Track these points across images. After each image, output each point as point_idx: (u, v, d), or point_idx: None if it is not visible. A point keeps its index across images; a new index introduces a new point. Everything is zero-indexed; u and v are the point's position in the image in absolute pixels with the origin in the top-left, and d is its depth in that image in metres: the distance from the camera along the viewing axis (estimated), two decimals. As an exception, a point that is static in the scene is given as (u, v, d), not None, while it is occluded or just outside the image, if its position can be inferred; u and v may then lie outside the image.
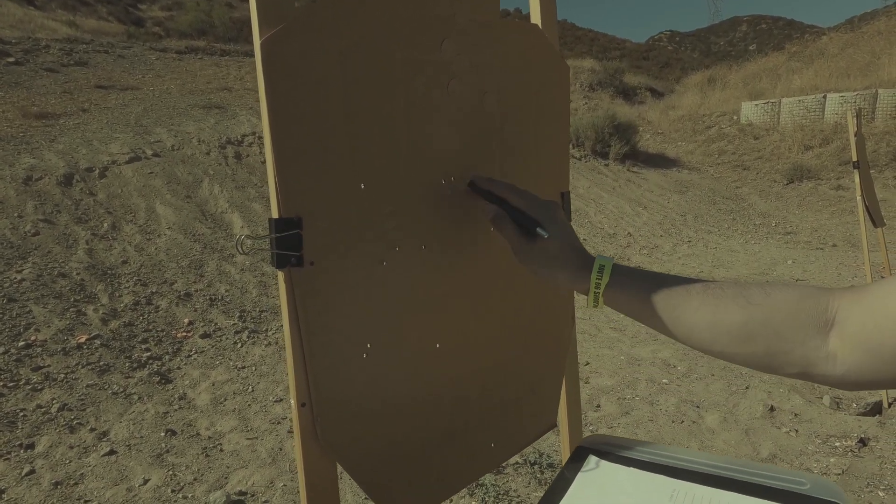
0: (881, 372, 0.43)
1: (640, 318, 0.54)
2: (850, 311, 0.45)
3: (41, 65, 7.41)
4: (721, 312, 0.49)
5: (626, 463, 0.66)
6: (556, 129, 0.76)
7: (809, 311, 0.47)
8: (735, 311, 0.49)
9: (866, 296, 0.45)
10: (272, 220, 0.47)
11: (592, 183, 8.56)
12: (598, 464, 0.66)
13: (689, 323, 0.51)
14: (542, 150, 0.75)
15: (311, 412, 0.50)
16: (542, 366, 0.78)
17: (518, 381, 0.74)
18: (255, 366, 3.18)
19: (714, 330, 0.50)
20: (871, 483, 2.08)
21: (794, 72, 13.27)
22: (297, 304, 0.48)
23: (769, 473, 0.63)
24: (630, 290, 0.54)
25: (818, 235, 7.51)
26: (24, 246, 3.74)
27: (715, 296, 0.50)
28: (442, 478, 0.65)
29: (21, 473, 2.17)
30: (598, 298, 0.55)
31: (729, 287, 0.51)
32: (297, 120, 0.47)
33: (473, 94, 0.64)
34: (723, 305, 0.49)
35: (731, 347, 0.49)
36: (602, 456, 0.67)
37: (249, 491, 2.11)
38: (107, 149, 5.13)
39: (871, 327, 0.43)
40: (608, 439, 0.69)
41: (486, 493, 2.04)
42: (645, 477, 0.64)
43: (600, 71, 15.35)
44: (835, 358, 0.45)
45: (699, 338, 0.51)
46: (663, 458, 0.66)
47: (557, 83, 0.75)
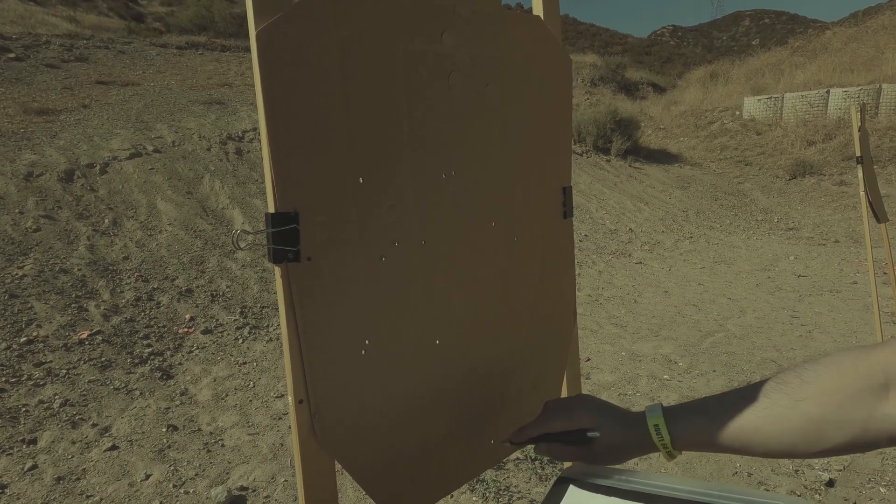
0: None
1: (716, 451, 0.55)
2: None
3: (42, 61, 7.40)
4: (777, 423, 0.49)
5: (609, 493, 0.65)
6: (558, 122, 0.75)
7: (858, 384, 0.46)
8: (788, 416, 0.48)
9: None
10: (268, 214, 0.46)
11: (594, 179, 8.53)
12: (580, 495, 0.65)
13: (759, 445, 0.51)
14: (543, 143, 0.73)
15: (308, 409, 0.49)
16: (544, 362, 0.78)
17: (519, 377, 0.74)
18: (256, 362, 3.19)
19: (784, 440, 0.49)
20: (873, 479, 2.08)
21: (798, 67, 13.20)
22: (294, 300, 0.47)
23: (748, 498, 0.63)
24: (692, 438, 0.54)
25: (820, 231, 7.48)
26: (26, 242, 3.74)
27: (765, 407, 0.50)
28: (441, 475, 0.64)
29: (23, 468, 2.18)
30: (671, 455, 0.56)
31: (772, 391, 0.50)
32: (294, 112, 0.46)
33: (475, 86, 0.63)
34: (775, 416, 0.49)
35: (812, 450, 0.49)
36: (583, 486, 0.66)
37: (251, 486, 2.12)
38: (108, 145, 5.12)
39: None
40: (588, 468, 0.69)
41: (486, 488, 2.05)
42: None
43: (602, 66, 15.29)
44: None
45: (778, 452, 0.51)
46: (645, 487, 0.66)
47: (559, 76, 0.74)
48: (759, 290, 4.89)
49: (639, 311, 4.30)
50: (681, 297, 4.67)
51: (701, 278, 5.29)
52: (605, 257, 6.02)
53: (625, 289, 4.92)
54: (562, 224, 0.78)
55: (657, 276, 5.34)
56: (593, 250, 6.20)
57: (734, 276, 5.36)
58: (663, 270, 5.59)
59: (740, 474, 2.18)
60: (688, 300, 4.57)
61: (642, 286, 5.00)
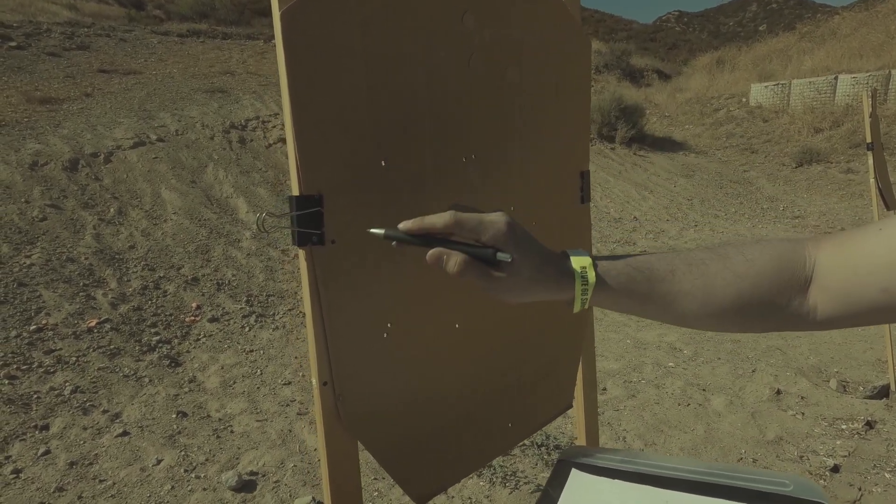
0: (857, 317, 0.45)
1: (627, 311, 0.52)
2: (830, 265, 0.46)
3: (43, 49, 7.36)
4: (711, 293, 0.48)
5: (611, 475, 0.64)
6: (577, 104, 0.74)
7: (790, 272, 0.48)
8: (724, 289, 0.48)
9: (844, 247, 0.46)
10: (292, 197, 0.46)
11: (598, 167, 8.48)
12: (583, 478, 0.64)
13: (681, 310, 0.50)
14: (563, 126, 0.73)
15: (332, 391, 0.49)
16: (560, 347, 0.78)
17: (536, 361, 0.74)
18: (263, 349, 3.21)
19: (706, 310, 0.49)
20: (878, 465, 2.09)
21: (805, 52, 13.02)
22: (318, 283, 0.48)
23: (753, 476, 0.64)
24: (615, 289, 0.50)
25: (826, 219, 7.44)
26: (33, 231, 3.76)
27: (702, 275, 0.49)
28: (459, 456, 0.65)
29: (37, 454, 2.21)
30: (584, 303, 0.50)
31: (712, 262, 0.49)
32: (318, 93, 0.46)
33: (495, 68, 0.62)
34: (711, 286, 0.48)
35: (724, 324, 0.50)
36: (585, 469, 0.65)
37: (260, 471, 2.14)
38: (111, 134, 5.11)
39: (854, 282, 0.44)
40: (588, 450, 0.69)
41: (493, 473, 2.07)
42: (633, 489, 0.62)
43: (607, 53, 15.10)
44: (815, 310, 0.47)
45: (698, 321, 0.50)
46: (647, 468, 0.65)
47: (579, 58, 0.74)
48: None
49: (643, 299, 4.29)
50: (685, 285, 4.66)
51: (706, 266, 5.27)
52: (609, 245, 6.01)
53: (629, 277, 4.90)
54: (579, 209, 0.78)
55: (662, 265, 5.33)
56: (598, 239, 6.19)
57: (739, 265, 5.33)
58: (668, 259, 5.58)
59: (745, 460, 2.19)
60: (693, 288, 4.56)
61: (647, 274, 4.98)
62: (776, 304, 0.47)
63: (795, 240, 0.50)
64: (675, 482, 0.62)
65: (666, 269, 0.50)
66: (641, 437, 2.36)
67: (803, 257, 0.48)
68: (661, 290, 0.49)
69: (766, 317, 0.48)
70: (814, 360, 3.10)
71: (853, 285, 0.44)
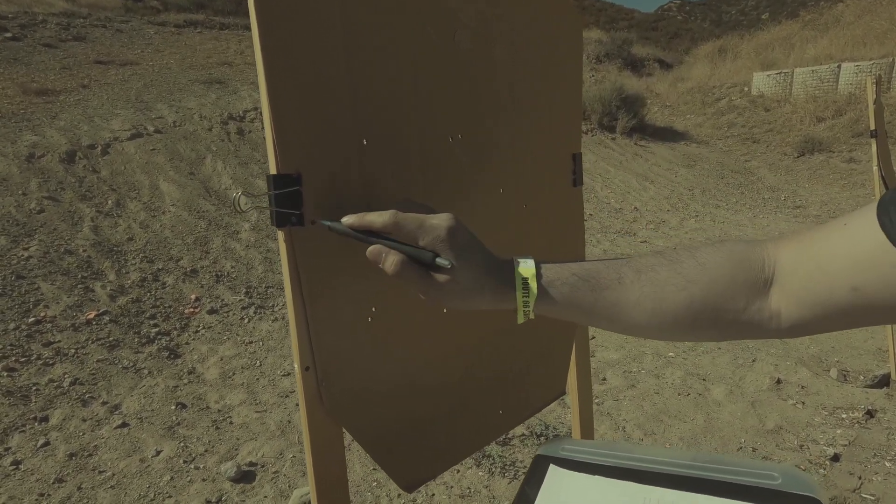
0: (827, 321, 0.42)
1: (573, 320, 0.49)
2: (792, 265, 0.43)
3: (39, 40, 7.30)
4: (662, 300, 0.45)
5: (591, 470, 0.62)
6: (567, 85, 0.72)
7: (746, 275, 0.44)
8: (674, 295, 0.45)
9: (808, 246, 0.43)
10: (270, 176, 0.45)
11: (599, 157, 8.44)
12: (561, 475, 0.62)
13: (629, 319, 0.47)
14: (553, 107, 0.71)
15: (315, 376, 0.48)
16: (552, 333, 0.76)
17: (528, 347, 0.73)
18: (262, 341, 3.20)
19: (657, 320, 0.46)
20: (878, 454, 2.08)
21: (809, 41, 12.89)
22: (298, 265, 0.46)
23: (740, 469, 0.61)
24: (561, 300, 0.47)
25: (828, 209, 7.41)
26: (30, 223, 3.74)
27: (651, 282, 0.46)
28: (450, 444, 0.64)
29: (36, 445, 2.21)
30: (527, 315, 0.47)
31: (662, 267, 0.46)
32: (295, 68, 0.44)
33: (482, 45, 0.60)
34: (661, 293, 0.46)
35: (676, 332, 0.47)
36: (564, 465, 0.63)
37: (260, 462, 2.15)
38: (108, 125, 5.08)
39: (818, 282, 0.41)
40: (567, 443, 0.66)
41: (492, 463, 2.07)
42: (613, 485, 0.60)
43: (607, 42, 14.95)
44: (779, 315, 0.44)
45: (643, 329, 0.48)
46: (630, 462, 0.63)
47: (569, 36, 0.71)
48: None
49: (644, 289, 4.28)
50: (686, 275, 4.65)
51: (706, 257, 5.26)
52: (609, 236, 5.99)
53: (630, 267, 4.89)
54: (571, 192, 0.76)
55: (662, 255, 5.31)
56: (598, 229, 6.17)
57: (740, 255, 5.32)
58: (668, 249, 5.56)
59: (744, 449, 2.19)
60: (693, 278, 4.55)
61: (647, 265, 4.97)
62: (731, 310, 0.44)
63: (753, 241, 0.47)
64: (658, 477, 0.60)
65: (613, 278, 0.47)
66: (641, 426, 2.35)
67: (761, 258, 0.44)
68: (608, 299, 0.47)
69: (722, 324, 0.45)
70: (814, 350, 3.09)
71: (820, 286, 0.41)
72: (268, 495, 1.96)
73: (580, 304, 0.47)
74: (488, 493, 1.94)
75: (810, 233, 0.43)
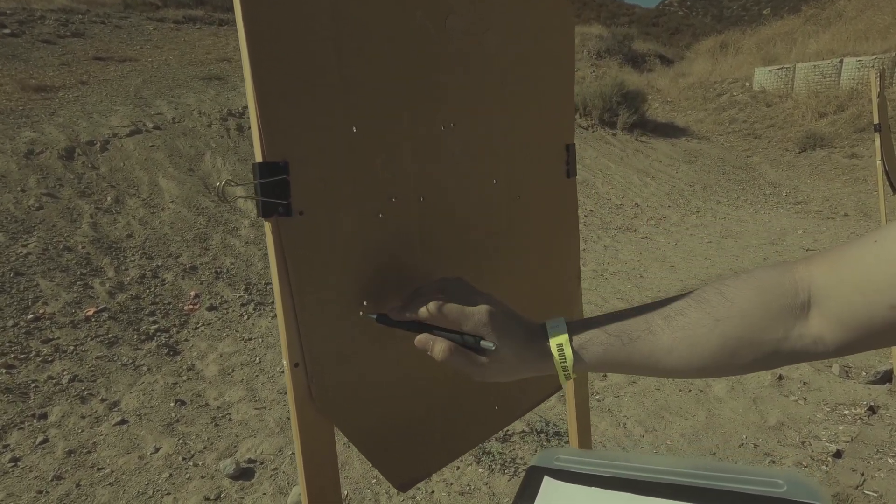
0: (873, 339, 0.41)
1: (618, 372, 0.51)
2: (828, 288, 0.42)
3: (37, 36, 7.28)
4: (694, 345, 0.46)
5: (588, 482, 0.60)
6: (560, 73, 0.71)
7: (779, 302, 0.43)
8: (707, 336, 0.45)
9: (841, 266, 0.41)
10: (255, 164, 0.43)
11: (600, 153, 8.41)
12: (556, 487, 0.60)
13: (669, 367, 0.47)
14: (546, 96, 0.70)
15: (304, 372, 0.47)
16: None
17: None
18: (261, 337, 3.20)
19: (696, 362, 0.46)
20: (881, 450, 2.07)
21: (810, 36, 12.83)
22: (285, 257, 0.45)
23: (742, 477, 0.59)
24: (598, 359, 0.49)
25: (829, 205, 7.38)
26: (29, 220, 3.73)
27: (682, 328, 0.46)
28: (444, 442, 0.63)
29: (35, 442, 2.21)
30: (568, 377, 0.50)
31: (691, 310, 0.47)
32: (281, 51, 0.43)
33: (473, 31, 0.59)
34: (693, 336, 0.46)
35: (721, 369, 0.47)
36: (558, 476, 0.61)
37: (259, 459, 2.14)
38: (107, 122, 5.06)
39: (858, 301, 0.40)
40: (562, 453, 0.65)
41: (492, 460, 2.06)
42: (610, 497, 0.58)
43: (608, 37, 14.90)
44: (822, 339, 0.43)
45: (686, 373, 0.48)
46: (628, 472, 0.61)
47: (561, 25, 0.70)
48: (766, 264, 4.85)
49: (644, 285, 4.27)
50: (687, 271, 4.63)
51: (708, 253, 5.24)
52: (610, 232, 5.97)
53: (630, 264, 4.88)
54: (565, 183, 0.75)
55: (663, 251, 5.30)
56: (598, 225, 6.15)
57: (741, 251, 5.30)
58: (669, 245, 5.54)
59: (746, 446, 2.18)
60: (694, 275, 4.54)
61: (648, 261, 4.95)
62: (770, 340, 0.44)
63: (781, 265, 0.46)
64: (658, 487, 0.58)
65: (643, 328, 0.48)
66: (642, 423, 2.34)
67: (793, 283, 0.43)
68: (642, 351, 0.47)
69: (764, 355, 0.45)
70: (816, 346, 3.08)
71: (858, 306, 0.40)
72: (267, 492, 1.95)
73: (615, 359, 0.49)
74: (488, 490, 1.93)
75: (841, 252, 0.42)
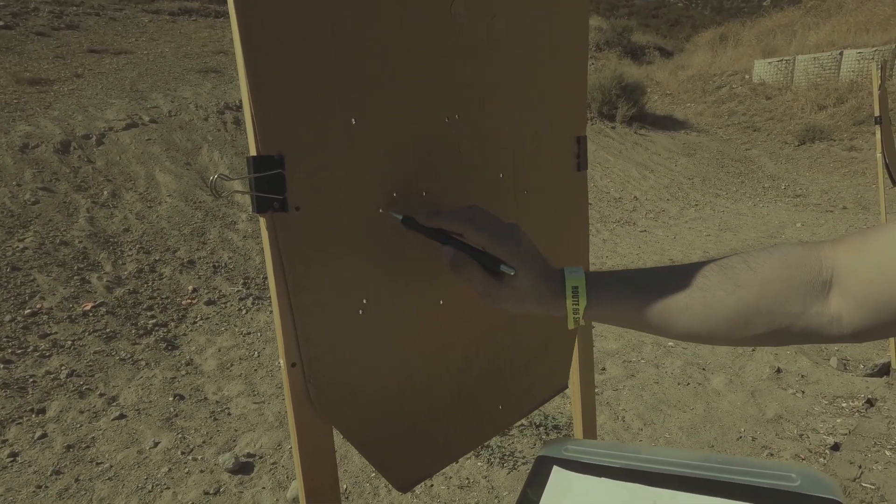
0: (891, 325, 0.40)
1: (626, 327, 0.51)
2: (851, 267, 0.41)
3: (31, 29, 7.20)
4: (711, 305, 0.45)
5: (597, 472, 0.59)
6: (572, 63, 0.68)
7: (801, 278, 0.43)
8: (724, 300, 0.45)
9: (865, 247, 0.41)
10: (250, 157, 0.41)
11: (598, 146, 8.38)
12: (566, 477, 0.59)
13: (680, 325, 0.47)
14: (557, 87, 0.67)
15: (302, 372, 0.46)
16: (554, 325, 0.74)
17: (528, 340, 0.70)
18: (260, 332, 3.19)
19: (709, 324, 0.46)
20: (878, 443, 2.08)
21: (811, 28, 12.76)
22: (282, 254, 0.43)
23: (755, 470, 0.58)
24: (610, 306, 0.49)
25: (828, 198, 7.37)
26: (25, 214, 3.71)
27: (701, 288, 0.46)
28: (445, 441, 0.61)
29: (34, 437, 2.20)
30: (577, 321, 0.50)
31: (713, 273, 0.46)
32: (276, 41, 0.41)
33: (480, 18, 0.56)
34: (710, 298, 0.45)
35: (733, 336, 0.46)
36: (568, 466, 0.60)
37: (258, 453, 2.14)
38: (103, 115, 5.02)
39: (880, 283, 0.39)
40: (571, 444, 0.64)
41: (491, 454, 2.06)
42: (620, 488, 0.57)
43: (607, 29, 14.79)
44: (840, 319, 0.42)
45: (696, 335, 0.47)
46: (637, 463, 0.60)
47: (575, 12, 0.67)
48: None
49: (643, 279, 4.27)
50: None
51: (706, 246, 5.24)
52: (609, 226, 5.96)
53: (629, 257, 4.87)
54: (575, 177, 0.73)
55: (662, 245, 5.29)
56: (597, 219, 6.14)
57: (740, 244, 5.30)
58: (668, 238, 5.54)
59: (744, 439, 2.18)
60: (693, 268, 4.53)
61: (647, 254, 4.95)
62: (788, 314, 0.43)
63: (809, 244, 0.45)
64: (668, 478, 0.57)
65: (661, 284, 0.48)
66: (640, 416, 2.35)
67: (818, 260, 0.43)
68: (657, 305, 0.47)
69: (778, 329, 0.44)
70: (814, 339, 3.08)
71: (879, 286, 0.39)
72: (266, 486, 1.95)
73: (629, 310, 0.48)
74: (487, 484, 1.93)
75: (867, 234, 0.42)
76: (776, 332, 0.44)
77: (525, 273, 0.50)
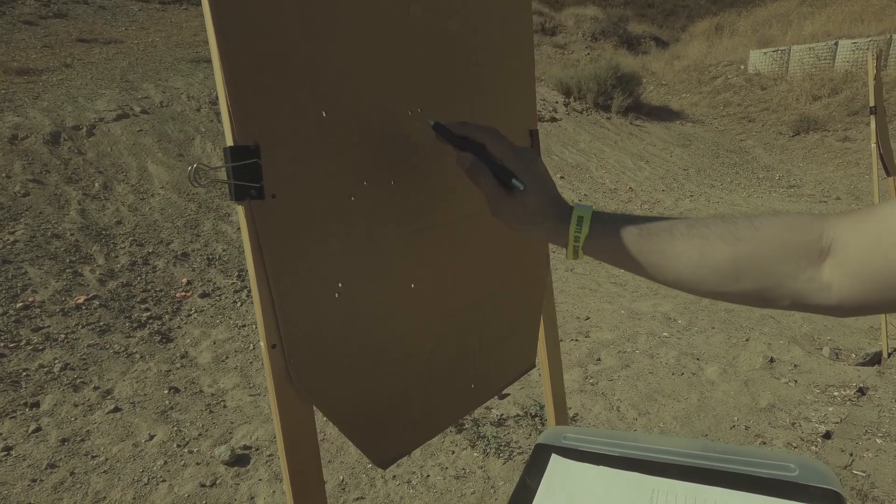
0: (881, 299, 0.41)
1: (622, 265, 0.51)
2: (851, 239, 0.42)
3: (18, 17, 7.08)
4: (707, 253, 0.46)
5: (596, 460, 0.59)
6: (521, 60, 0.73)
7: (801, 242, 0.44)
8: (722, 249, 0.46)
9: (868, 221, 0.41)
10: (227, 148, 0.43)
11: (594, 137, 8.36)
12: (564, 464, 0.60)
13: (674, 267, 0.48)
14: (509, 82, 0.71)
15: (282, 354, 0.48)
16: (520, 306, 0.78)
17: (496, 321, 0.74)
18: (255, 324, 3.18)
19: (701, 271, 0.47)
20: (869, 431, 2.10)
21: (806, 17, 12.73)
22: (260, 241, 0.45)
23: (753, 459, 0.58)
24: (611, 240, 0.50)
25: (822, 188, 7.41)
26: (15, 207, 3.67)
27: (701, 235, 0.47)
28: (422, 420, 0.64)
29: (28, 431, 2.19)
30: (577, 251, 0.52)
31: (715, 224, 0.47)
32: (249, 35, 0.42)
33: (436, 18, 0.60)
34: (709, 245, 0.46)
35: (720, 287, 0.47)
36: (566, 454, 0.61)
37: (254, 445, 2.14)
38: (93, 106, 4.96)
39: (875, 255, 0.40)
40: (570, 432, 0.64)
41: (487, 444, 2.07)
42: (619, 476, 0.57)
43: (603, 19, 14.73)
44: (829, 288, 0.43)
45: (687, 281, 0.48)
46: (636, 451, 0.60)
47: (520, 11, 0.72)
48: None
49: (638, 269, 4.28)
50: (681, 255, 4.65)
51: (701, 236, 5.26)
52: (604, 217, 5.97)
53: (624, 248, 4.89)
54: None
55: (657, 235, 5.31)
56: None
57: (735, 234, 5.32)
58: (663, 229, 5.56)
59: (737, 427, 2.20)
60: (688, 258, 4.55)
61: (642, 245, 4.97)
62: (778, 273, 0.44)
63: (818, 214, 0.46)
64: (667, 467, 0.57)
65: (664, 228, 0.49)
66: (635, 406, 2.36)
67: (820, 229, 0.43)
68: (656, 247, 0.48)
69: (766, 287, 0.45)
70: (807, 329, 3.11)
71: (875, 259, 0.39)
72: (262, 478, 1.95)
73: (628, 248, 0.49)
74: (483, 474, 1.95)
75: (874, 208, 0.42)
76: (763, 290, 0.45)
77: (534, 190, 0.53)
